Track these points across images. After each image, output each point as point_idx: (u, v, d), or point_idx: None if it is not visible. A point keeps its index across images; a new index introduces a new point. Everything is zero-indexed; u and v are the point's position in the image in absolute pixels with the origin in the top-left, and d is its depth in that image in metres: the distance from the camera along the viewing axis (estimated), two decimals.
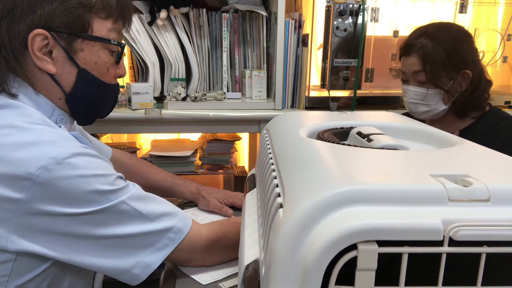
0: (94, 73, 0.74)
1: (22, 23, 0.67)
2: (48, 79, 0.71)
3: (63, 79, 0.72)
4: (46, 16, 0.68)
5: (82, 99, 0.75)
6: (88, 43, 0.72)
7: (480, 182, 0.35)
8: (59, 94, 0.73)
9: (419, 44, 1.09)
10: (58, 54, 0.70)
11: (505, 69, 1.62)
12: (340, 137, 0.65)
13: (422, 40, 1.09)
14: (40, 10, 0.67)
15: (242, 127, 1.46)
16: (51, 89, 0.72)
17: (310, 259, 0.32)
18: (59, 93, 0.73)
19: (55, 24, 0.69)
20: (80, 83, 0.73)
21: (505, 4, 1.57)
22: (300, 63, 1.46)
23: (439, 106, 1.12)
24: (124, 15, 0.77)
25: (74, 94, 0.74)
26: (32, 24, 0.67)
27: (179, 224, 0.72)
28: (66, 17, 0.69)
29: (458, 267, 0.36)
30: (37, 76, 0.71)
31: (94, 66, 0.74)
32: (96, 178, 0.64)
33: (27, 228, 0.62)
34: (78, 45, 0.71)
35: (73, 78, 0.73)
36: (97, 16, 0.72)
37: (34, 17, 0.67)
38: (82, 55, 0.72)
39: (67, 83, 0.73)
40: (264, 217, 0.45)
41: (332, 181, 0.37)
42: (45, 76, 0.71)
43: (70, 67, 0.72)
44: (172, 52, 1.48)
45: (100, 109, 0.82)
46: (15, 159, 0.61)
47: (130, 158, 1.13)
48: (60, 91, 0.73)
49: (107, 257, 0.67)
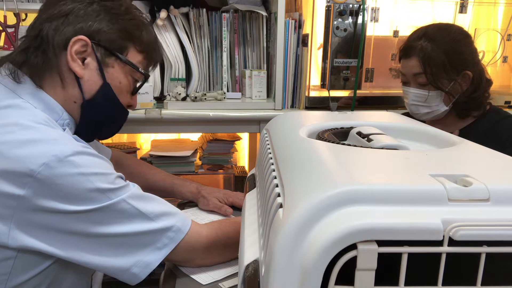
0: (115, 90, 0.79)
1: (71, 27, 0.73)
2: (73, 80, 0.75)
3: (87, 86, 0.76)
4: (94, 29, 0.75)
5: (96, 109, 0.78)
6: (119, 63, 0.78)
7: (480, 182, 0.35)
8: (76, 97, 0.76)
9: (419, 46, 1.09)
10: (90, 62, 0.75)
11: (505, 69, 1.62)
12: (340, 137, 0.65)
13: (422, 42, 1.09)
14: (90, 22, 0.74)
15: (242, 127, 1.46)
16: (71, 90, 0.75)
17: (310, 259, 0.32)
18: (78, 96, 0.76)
19: (98, 37, 0.75)
20: (101, 94, 0.77)
21: (505, 4, 1.57)
22: (300, 63, 1.46)
23: (440, 108, 1.12)
24: (156, 59, 0.86)
25: (91, 102, 0.77)
26: (79, 30, 0.74)
27: (179, 224, 0.72)
28: (110, 36, 0.76)
29: (458, 267, 0.36)
30: (64, 73, 0.74)
31: (118, 84, 0.79)
32: (97, 177, 0.64)
33: (28, 224, 0.63)
34: (111, 61, 0.78)
35: (96, 87, 0.77)
36: (134, 46, 0.80)
37: (84, 26, 0.74)
38: (111, 71, 0.78)
39: (89, 90, 0.76)
40: (264, 217, 0.45)
41: (332, 181, 0.37)
42: (71, 76, 0.75)
43: (97, 77, 0.77)
44: (172, 52, 1.48)
45: (105, 126, 0.85)
46: (17, 156, 0.61)
47: (129, 159, 1.13)
48: (79, 95, 0.76)
49: (106, 256, 0.67)
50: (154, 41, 0.85)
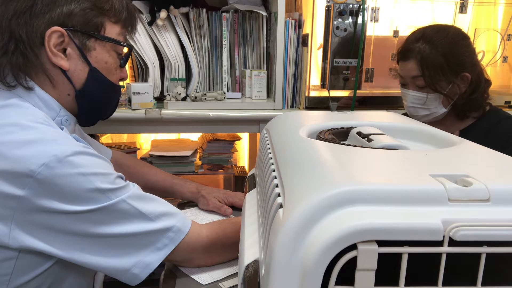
0: (103, 72, 0.78)
1: (40, 19, 0.70)
2: (60, 74, 0.74)
3: (75, 76, 0.75)
4: (64, 15, 0.71)
5: (90, 96, 0.78)
6: (100, 42, 0.76)
7: (480, 182, 0.35)
8: (68, 90, 0.75)
9: (417, 49, 1.09)
10: (72, 51, 0.74)
11: (505, 69, 1.62)
12: (340, 137, 0.65)
13: (420, 45, 1.09)
14: (58, 8, 0.71)
15: (242, 127, 1.46)
16: (62, 85, 0.75)
17: (310, 259, 0.32)
18: (69, 89, 0.75)
19: (71, 23, 0.72)
20: (91, 81, 0.76)
21: (505, 4, 1.57)
22: (300, 63, 1.46)
23: (439, 110, 1.12)
24: (132, 22, 0.82)
25: (84, 91, 0.76)
26: (50, 22, 0.71)
27: (179, 224, 0.72)
28: (82, 17, 0.73)
29: (458, 267, 0.36)
30: (50, 71, 0.73)
31: (104, 65, 0.78)
32: (97, 177, 0.64)
33: (28, 224, 0.63)
34: (91, 44, 0.75)
35: (84, 75, 0.76)
36: (108, 20, 0.77)
37: (53, 14, 0.71)
38: (94, 53, 0.76)
39: (78, 79, 0.76)
40: (264, 217, 0.45)
41: (332, 181, 0.37)
42: (58, 71, 0.74)
43: (82, 64, 0.75)
44: (172, 52, 1.48)
45: (104, 108, 0.85)
46: (17, 156, 0.61)
47: (129, 159, 1.13)
48: (71, 87, 0.75)
49: (106, 256, 0.67)
50: (125, 4, 0.80)
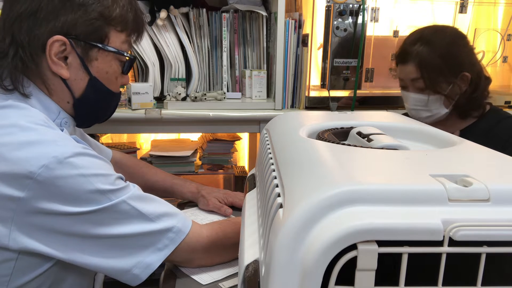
0: (104, 82, 0.77)
1: (43, 27, 0.69)
2: (60, 82, 0.73)
3: (75, 85, 0.74)
4: (68, 24, 0.70)
5: (88, 105, 0.77)
6: (103, 53, 0.75)
7: (480, 182, 0.35)
8: (68, 97, 0.75)
9: (415, 52, 1.09)
10: (73, 60, 0.72)
11: (505, 69, 1.62)
12: (340, 137, 0.65)
13: (417, 47, 1.09)
14: (63, 17, 0.70)
15: (242, 127, 1.46)
16: (61, 92, 0.74)
17: (310, 259, 0.32)
18: (69, 97, 0.75)
19: (75, 32, 0.71)
20: (90, 90, 0.76)
21: (505, 4, 1.57)
22: (300, 63, 1.46)
23: (440, 111, 1.12)
24: (138, 30, 0.80)
25: (82, 100, 0.76)
26: (53, 30, 0.69)
27: (179, 224, 0.72)
28: (87, 27, 0.71)
29: (458, 267, 0.36)
30: (49, 78, 0.72)
31: (105, 75, 0.77)
32: (97, 178, 0.64)
33: (29, 226, 0.63)
34: (94, 54, 0.74)
35: (84, 84, 0.75)
36: (114, 29, 0.75)
37: (57, 23, 0.69)
38: (96, 64, 0.75)
39: (78, 88, 0.75)
40: (264, 217, 0.45)
41: (332, 181, 0.37)
42: (57, 79, 0.73)
43: (82, 74, 0.74)
44: (172, 52, 1.48)
45: (102, 115, 0.84)
46: (17, 158, 0.61)
47: (129, 159, 1.13)
48: (70, 95, 0.75)
49: (107, 257, 0.67)
50: (130, 10, 0.76)
